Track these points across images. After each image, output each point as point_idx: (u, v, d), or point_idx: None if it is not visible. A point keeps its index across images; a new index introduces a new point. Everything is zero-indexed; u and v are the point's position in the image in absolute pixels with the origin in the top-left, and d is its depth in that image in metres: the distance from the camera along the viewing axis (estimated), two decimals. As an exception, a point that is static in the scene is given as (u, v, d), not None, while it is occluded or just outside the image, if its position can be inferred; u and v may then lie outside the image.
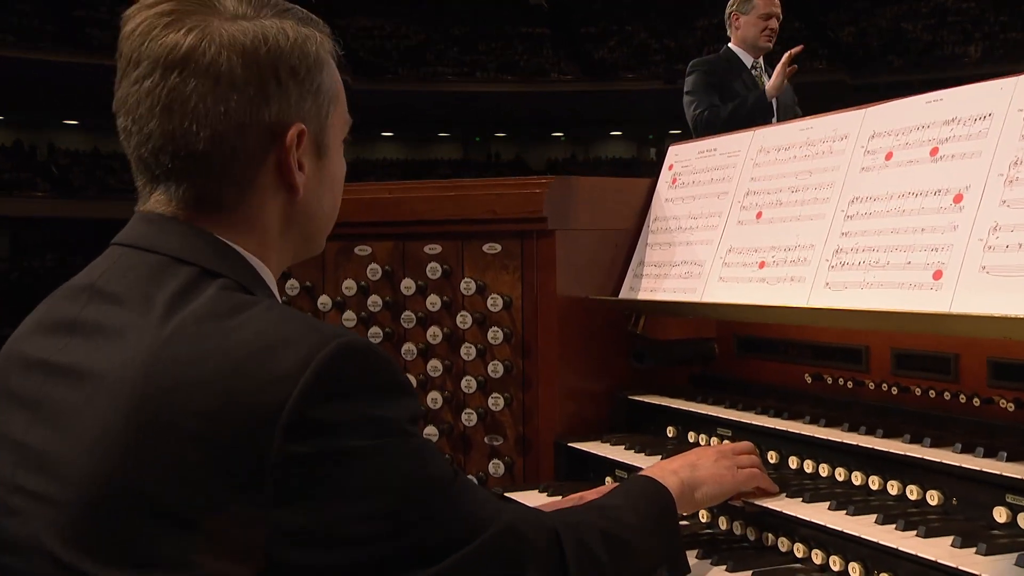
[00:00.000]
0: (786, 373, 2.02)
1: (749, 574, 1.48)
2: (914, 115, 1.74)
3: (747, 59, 4.82)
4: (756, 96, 4.56)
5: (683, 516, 1.54)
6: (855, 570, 1.42)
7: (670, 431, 2.05)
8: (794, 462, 1.73)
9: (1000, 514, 1.38)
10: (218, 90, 1.10)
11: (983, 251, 1.51)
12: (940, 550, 1.31)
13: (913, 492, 1.51)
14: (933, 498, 1.48)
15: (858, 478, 1.60)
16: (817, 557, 1.49)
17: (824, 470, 1.67)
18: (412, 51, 28.18)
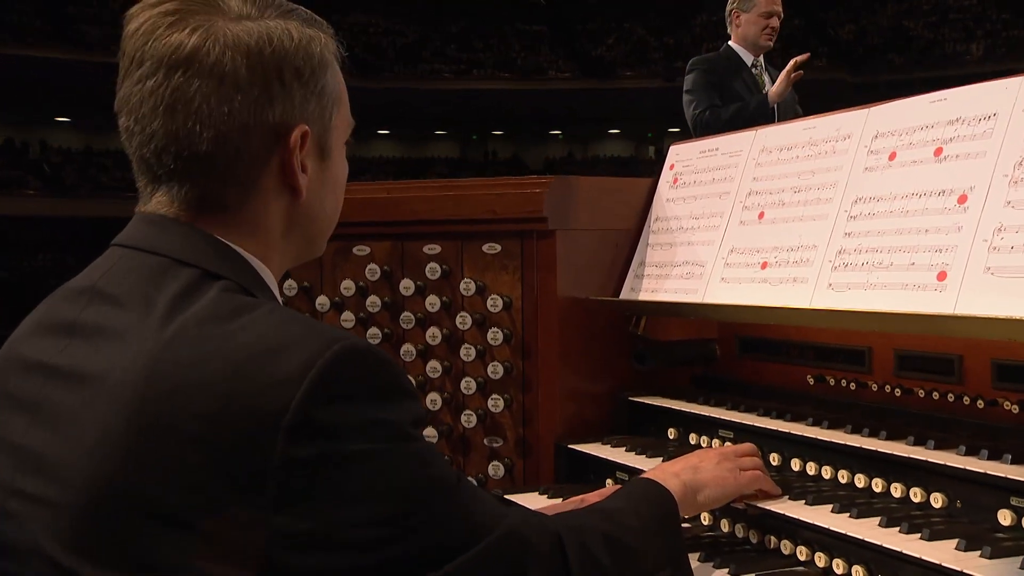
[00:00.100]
0: (788, 374, 2.01)
1: (751, 577, 1.47)
2: (918, 115, 1.73)
3: (747, 57, 4.80)
4: (758, 101, 4.54)
5: (685, 519, 1.53)
6: (858, 573, 1.41)
7: (671, 433, 2.04)
8: (797, 464, 1.72)
9: (1005, 517, 1.38)
10: (222, 90, 1.10)
11: (987, 252, 1.50)
12: (944, 553, 1.31)
13: (917, 495, 1.50)
14: (937, 501, 1.47)
15: (861, 480, 1.59)
16: (820, 560, 1.48)
17: (827, 472, 1.66)
18: (408, 48, 28.11)
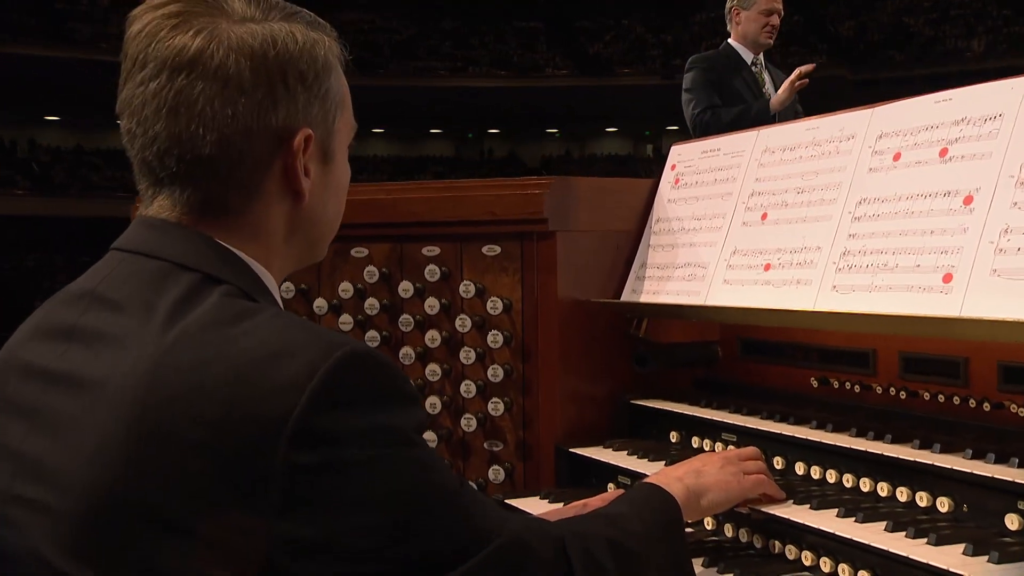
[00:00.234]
0: (791, 377, 2.00)
1: (755, 583, 1.46)
2: (923, 115, 1.72)
3: (747, 55, 4.78)
4: (759, 108, 4.52)
5: (688, 523, 1.52)
6: (864, 578, 1.40)
7: (673, 436, 2.02)
8: (801, 468, 1.70)
9: (1012, 521, 1.36)
10: (226, 93, 1.09)
11: (994, 254, 1.49)
12: (951, 558, 1.30)
13: (923, 499, 1.49)
14: (943, 505, 1.46)
15: (866, 484, 1.58)
16: (825, 565, 1.47)
17: (832, 476, 1.65)
18: (403, 45, 28.02)
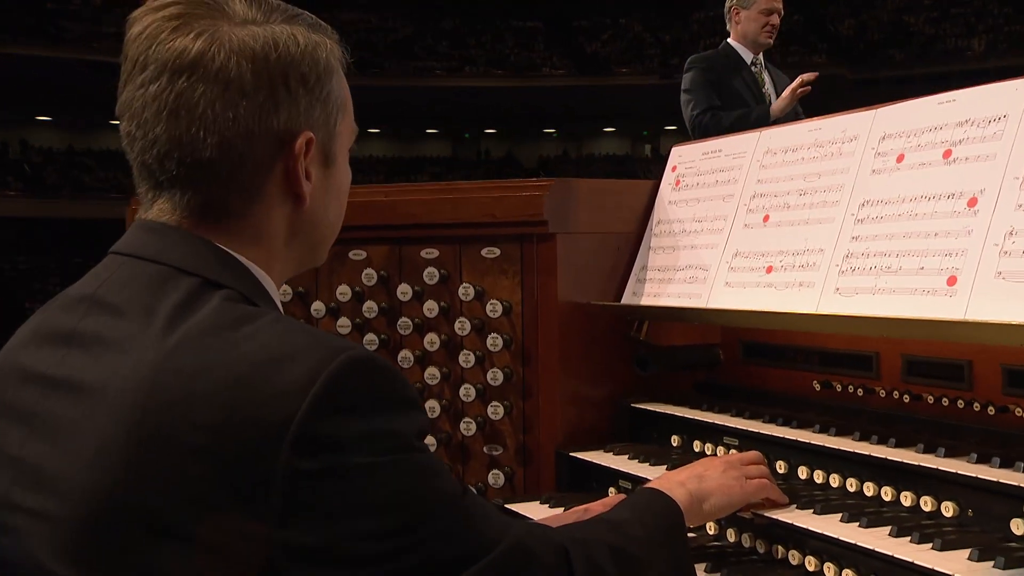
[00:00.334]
0: (793, 380, 1.98)
1: (759, 588, 1.45)
2: (926, 116, 1.71)
3: (747, 55, 4.75)
4: (759, 113, 4.50)
5: (690, 528, 1.51)
6: (869, 584, 1.39)
7: (674, 440, 2.01)
8: (804, 472, 1.69)
9: (1018, 526, 1.35)
10: (227, 96, 1.09)
11: (998, 256, 1.48)
12: (957, 564, 1.29)
13: (927, 503, 1.48)
14: (948, 510, 1.45)
15: (870, 489, 1.57)
16: (829, 571, 1.46)
17: (835, 480, 1.64)
18: (400, 45, 27.95)
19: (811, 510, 1.52)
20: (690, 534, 1.53)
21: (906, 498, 1.50)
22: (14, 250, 23.53)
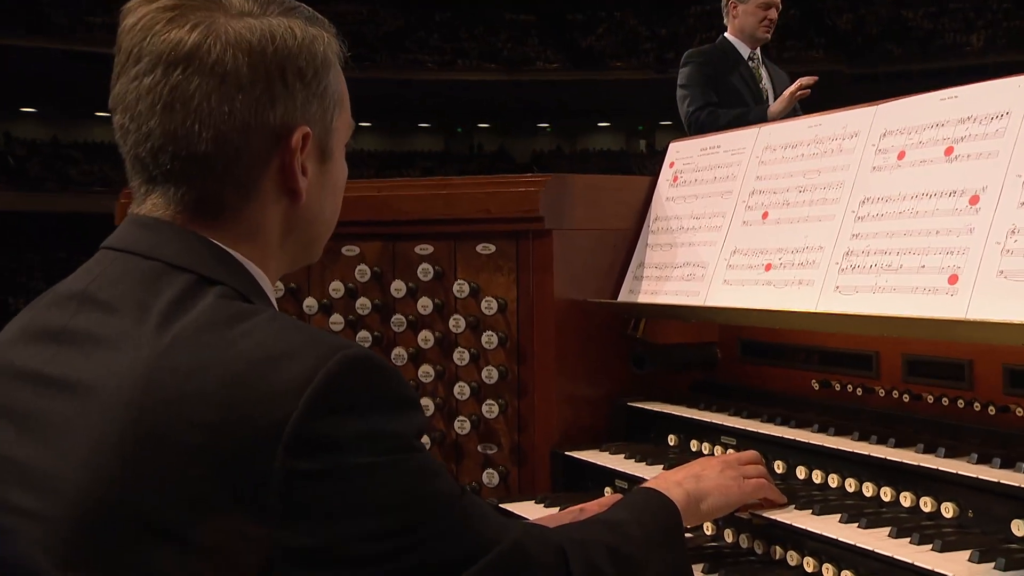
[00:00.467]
0: (792, 379, 1.97)
1: (757, 589, 1.44)
2: (928, 113, 1.70)
3: (744, 50, 4.73)
4: (757, 114, 4.46)
5: (688, 529, 1.50)
6: (869, 586, 1.38)
7: (671, 439, 2.00)
8: (802, 472, 1.68)
9: (1019, 527, 1.34)
10: (223, 89, 1.07)
11: (1000, 255, 1.47)
12: (958, 565, 1.28)
13: (927, 504, 1.47)
14: (948, 511, 1.44)
15: (869, 489, 1.56)
16: (828, 572, 1.45)
17: (834, 481, 1.63)
18: (391, 37, 27.81)
19: (810, 510, 1.51)
20: (687, 534, 1.53)
21: (906, 499, 1.50)
22: (-3, 244, 23.41)
